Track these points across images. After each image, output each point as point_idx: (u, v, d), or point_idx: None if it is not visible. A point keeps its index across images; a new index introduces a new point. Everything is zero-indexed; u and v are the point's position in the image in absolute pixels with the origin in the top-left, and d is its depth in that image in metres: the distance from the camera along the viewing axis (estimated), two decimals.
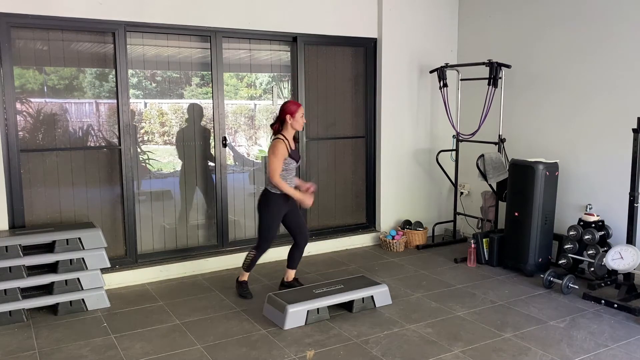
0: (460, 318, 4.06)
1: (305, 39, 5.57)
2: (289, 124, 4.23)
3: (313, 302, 3.97)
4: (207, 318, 4.08)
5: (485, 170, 5.40)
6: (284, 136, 4.23)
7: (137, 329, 3.89)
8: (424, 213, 6.38)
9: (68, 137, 4.66)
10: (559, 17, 5.24)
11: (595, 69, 4.97)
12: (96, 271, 4.28)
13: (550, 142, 5.40)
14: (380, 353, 3.51)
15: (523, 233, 4.97)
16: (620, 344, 3.62)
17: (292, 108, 4.22)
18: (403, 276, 5.02)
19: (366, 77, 6.03)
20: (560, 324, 3.95)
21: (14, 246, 4.01)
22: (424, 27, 6.13)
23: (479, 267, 5.28)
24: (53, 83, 4.59)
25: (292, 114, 4.20)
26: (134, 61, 4.88)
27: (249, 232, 5.61)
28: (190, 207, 5.32)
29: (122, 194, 4.85)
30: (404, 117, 6.14)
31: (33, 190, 4.52)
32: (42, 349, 3.57)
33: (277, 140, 4.21)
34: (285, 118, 4.21)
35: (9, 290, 3.98)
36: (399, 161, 6.16)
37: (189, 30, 4.98)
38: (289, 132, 4.26)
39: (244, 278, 4.53)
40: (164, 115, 5.21)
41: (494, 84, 5.38)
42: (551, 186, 4.97)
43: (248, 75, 5.62)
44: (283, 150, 4.18)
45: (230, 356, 3.48)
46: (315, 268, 5.24)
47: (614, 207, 4.86)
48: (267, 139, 5.81)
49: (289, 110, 4.21)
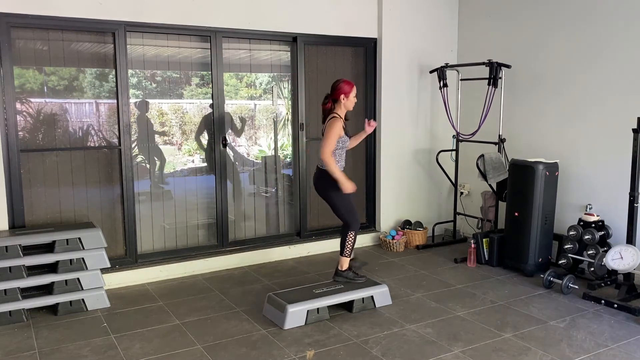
0: (460, 318, 4.06)
1: (305, 39, 5.57)
2: (342, 104, 4.18)
3: (313, 302, 3.97)
4: (207, 318, 4.08)
5: (485, 170, 5.40)
6: (338, 115, 4.19)
7: (137, 329, 3.88)
8: (424, 213, 6.38)
9: (68, 137, 4.66)
10: (559, 17, 5.24)
11: (595, 68, 4.97)
12: (96, 271, 4.28)
13: (550, 142, 5.40)
14: (380, 353, 3.51)
15: (523, 233, 4.97)
16: (620, 344, 3.61)
17: (347, 88, 4.18)
18: (403, 276, 5.02)
19: (366, 77, 6.03)
20: (560, 324, 3.95)
21: (14, 246, 4.01)
22: (424, 27, 6.13)
23: (479, 267, 5.28)
24: (53, 83, 4.59)
25: (347, 94, 4.17)
26: (134, 61, 4.88)
27: (249, 232, 5.62)
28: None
29: (122, 194, 4.85)
30: (404, 117, 6.14)
31: (33, 190, 4.52)
32: (42, 349, 3.57)
33: (335, 118, 4.14)
34: (339, 98, 4.17)
35: (9, 290, 3.98)
36: (399, 161, 6.16)
37: (189, 30, 4.98)
38: (341, 111, 4.21)
39: (347, 265, 4.33)
40: (164, 115, 5.22)
41: (494, 84, 5.38)
42: (551, 186, 4.96)
43: (248, 75, 5.62)
44: (340, 129, 4.13)
45: (230, 356, 3.47)
46: (315, 268, 5.24)
47: (614, 207, 4.86)
48: (267, 139, 5.81)
49: (344, 90, 4.17)
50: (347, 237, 4.26)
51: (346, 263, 4.33)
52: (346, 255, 4.30)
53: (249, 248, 5.46)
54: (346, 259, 4.31)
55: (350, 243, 4.27)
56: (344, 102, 4.17)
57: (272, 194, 5.80)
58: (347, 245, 4.28)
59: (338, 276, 4.35)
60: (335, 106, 4.20)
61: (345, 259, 4.31)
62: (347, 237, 4.26)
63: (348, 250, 4.29)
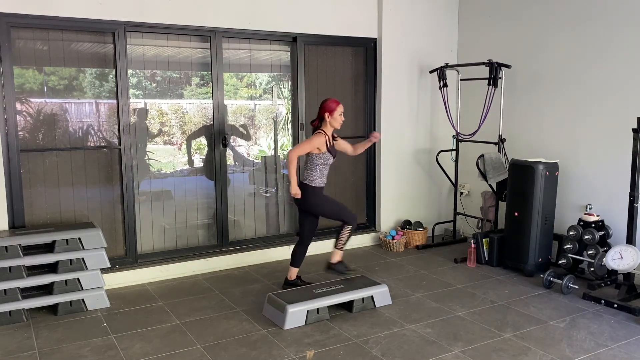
0: (460, 318, 4.06)
1: (305, 39, 5.57)
2: (327, 122, 4.29)
3: (313, 302, 3.97)
4: (206, 318, 4.08)
5: (485, 170, 5.40)
6: (324, 131, 4.30)
7: (137, 329, 3.88)
8: (424, 213, 6.38)
9: (68, 137, 4.66)
10: (559, 17, 5.24)
11: (595, 68, 4.97)
12: (96, 271, 4.28)
13: (550, 142, 5.40)
14: (380, 353, 3.51)
15: (523, 233, 4.97)
16: (620, 344, 3.61)
17: (332, 106, 4.29)
18: (403, 276, 5.02)
19: (366, 77, 6.03)
20: (560, 324, 3.95)
21: (14, 246, 4.01)
22: (424, 27, 6.13)
23: (479, 267, 5.28)
24: (53, 83, 4.59)
25: (331, 112, 4.28)
26: (134, 61, 4.88)
27: (249, 232, 5.61)
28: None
29: (122, 194, 4.85)
30: (404, 117, 6.14)
31: (33, 190, 4.52)
32: (42, 349, 3.57)
33: (318, 133, 4.29)
34: (324, 116, 4.29)
35: (9, 290, 3.98)
36: (399, 161, 6.16)
37: (189, 30, 4.98)
38: (328, 129, 4.32)
39: (339, 258, 4.45)
40: (163, 115, 5.22)
41: (494, 84, 5.38)
42: (551, 186, 4.96)
43: (248, 75, 5.62)
44: (320, 142, 4.24)
45: (230, 356, 3.47)
46: (315, 268, 5.24)
47: (614, 207, 4.86)
48: (267, 139, 5.81)
49: (328, 108, 4.29)
50: (342, 231, 4.38)
51: (338, 255, 4.44)
52: (338, 247, 4.41)
53: (249, 248, 5.46)
54: (338, 251, 4.42)
55: (345, 236, 4.38)
56: (329, 120, 4.30)
57: (272, 194, 5.81)
58: (341, 238, 4.39)
59: (329, 269, 4.47)
60: (321, 124, 4.33)
61: (338, 251, 4.42)
62: (342, 231, 4.38)
63: (341, 243, 4.40)
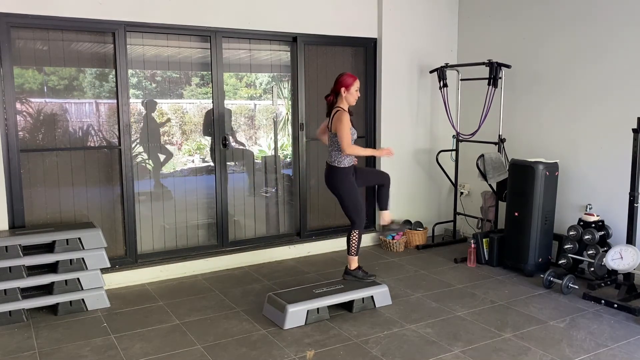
0: (460, 318, 4.06)
1: (305, 39, 5.57)
2: (343, 97, 4.11)
3: (313, 302, 3.97)
4: (207, 318, 4.08)
5: (485, 170, 5.40)
6: (342, 108, 4.10)
7: (137, 329, 3.88)
8: (423, 213, 6.37)
9: (68, 137, 4.66)
10: (559, 17, 5.24)
11: (595, 68, 4.97)
12: (96, 271, 4.28)
13: (550, 142, 5.40)
14: (380, 353, 3.51)
15: (523, 233, 4.97)
16: (620, 344, 3.61)
17: (348, 81, 4.10)
18: (403, 276, 5.02)
19: (366, 77, 6.03)
20: (560, 324, 3.95)
21: (14, 246, 4.01)
22: (424, 27, 6.13)
23: (479, 267, 5.28)
24: (53, 83, 4.59)
25: (348, 87, 4.09)
26: (134, 61, 4.88)
27: (249, 232, 5.62)
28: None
29: (122, 194, 4.85)
30: (404, 117, 6.14)
31: (33, 190, 4.52)
32: (42, 349, 3.57)
33: (340, 111, 4.06)
34: (340, 91, 4.10)
35: (9, 290, 3.98)
36: (399, 161, 6.15)
37: (189, 30, 4.97)
38: (344, 105, 4.12)
39: (356, 265, 4.33)
40: (163, 115, 5.21)
41: (494, 84, 5.38)
42: (551, 186, 4.96)
43: (248, 75, 5.62)
44: (349, 121, 4.05)
45: (230, 356, 3.47)
46: (315, 268, 5.24)
47: (614, 207, 4.86)
48: (267, 139, 5.81)
49: (345, 83, 4.09)
50: (351, 237, 4.27)
51: (355, 262, 4.33)
52: (352, 254, 4.30)
53: (249, 248, 5.46)
54: (354, 257, 4.32)
55: (355, 242, 4.27)
56: (345, 96, 4.10)
57: (272, 194, 5.81)
58: (353, 245, 4.28)
59: (348, 275, 4.36)
60: (337, 99, 4.14)
61: (353, 257, 4.32)
62: (351, 237, 4.27)
63: (354, 249, 4.29)
